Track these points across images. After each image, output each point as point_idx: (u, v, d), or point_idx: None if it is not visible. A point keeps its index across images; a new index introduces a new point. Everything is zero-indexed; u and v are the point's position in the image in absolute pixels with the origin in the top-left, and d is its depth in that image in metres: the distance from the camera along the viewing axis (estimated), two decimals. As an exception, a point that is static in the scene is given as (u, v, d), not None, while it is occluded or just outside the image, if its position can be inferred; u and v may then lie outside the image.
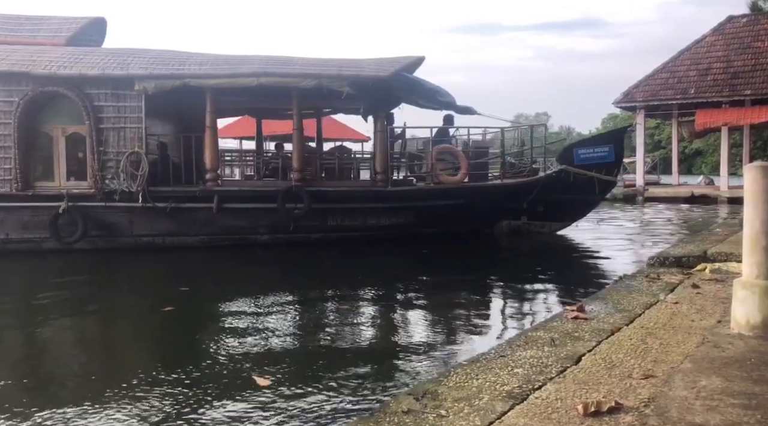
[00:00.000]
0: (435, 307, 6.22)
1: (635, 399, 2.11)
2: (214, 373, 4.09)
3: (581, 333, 2.95)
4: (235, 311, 5.99)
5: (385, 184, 10.68)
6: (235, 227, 10.23)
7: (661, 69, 23.26)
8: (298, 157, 10.56)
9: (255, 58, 10.55)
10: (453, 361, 4.03)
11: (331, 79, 9.95)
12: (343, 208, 10.51)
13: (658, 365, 2.46)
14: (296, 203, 10.00)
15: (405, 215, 10.65)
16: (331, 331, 5.25)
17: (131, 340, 5.37)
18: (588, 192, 11.03)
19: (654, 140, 46.69)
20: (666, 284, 4.16)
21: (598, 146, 11.33)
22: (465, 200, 10.56)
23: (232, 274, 8.52)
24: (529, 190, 10.95)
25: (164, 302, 6.13)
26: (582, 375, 2.36)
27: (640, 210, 19.35)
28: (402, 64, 10.59)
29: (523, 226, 11.41)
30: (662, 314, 3.33)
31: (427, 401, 2.09)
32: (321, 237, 10.37)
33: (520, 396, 2.13)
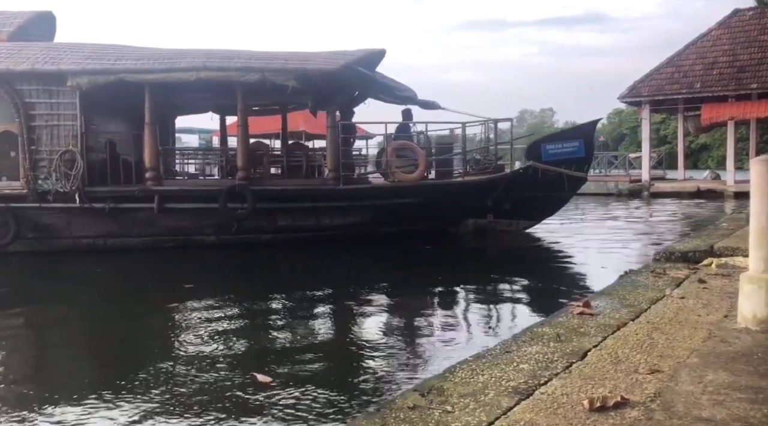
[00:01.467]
0: (422, 305, 6.25)
1: (641, 394, 2.10)
2: (215, 372, 4.09)
3: (587, 328, 2.95)
4: (221, 311, 5.99)
5: (336, 183, 10.22)
6: (180, 228, 9.82)
7: (667, 63, 23.13)
8: (242, 154, 10.11)
9: (198, 52, 10.17)
10: (457, 357, 4.04)
11: (276, 72, 9.53)
12: (294, 208, 10.09)
13: (664, 360, 2.45)
14: (241, 203, 9.61)
15: (361, 214, 10.22)
16: (327, 331, 5.26)
17: (121, 340, 5.39)
18: (557, 189, 10.67)
19: (660, 135, 46.43)
20: (672, 279, 4.14)
21: (567, 141, 10.94)
22: (425, 198, 10.16)
23: (173, 277, 8.22)
24: (492, 187, 10.56)
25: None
26: (588, 370, 2.35)
27: (646, 205, 19.28)
28: (353, 57, 10.14)
29: (489, 225, 11.03)
30: (668, 309, 3.32)
31: (433, 397, 2.10)
32: (272, 238, 9.98)
33: (526, 391, 2.13)
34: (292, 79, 9.45)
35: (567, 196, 11.29)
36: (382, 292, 6.95)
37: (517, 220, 11.09)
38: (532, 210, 11.09)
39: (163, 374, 4.08)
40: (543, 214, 11.46)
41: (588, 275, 7.58)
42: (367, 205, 10.23)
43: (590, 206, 19.12)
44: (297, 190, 10.27)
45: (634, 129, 50.34)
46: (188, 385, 3.86)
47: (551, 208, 11.43)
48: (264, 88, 9.95)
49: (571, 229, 12.49)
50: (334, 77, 9.81)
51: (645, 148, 23.83)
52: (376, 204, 10.21)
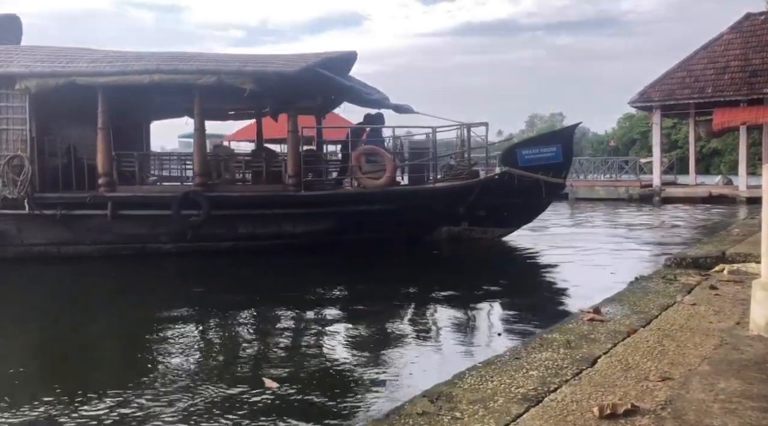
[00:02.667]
0: (423, 313, 6.25)
1: (652, 401, 2.09)
2: (221, 377, 4.10)
3: (597, 335, 2.93)
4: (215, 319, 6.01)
5: (297, 189, 9.89)
6: (135, 236, 9.56)
7: (678, 68, 23.01)
8: (198, 160, 9.84)
9: (155, 54, 9.94)
10: (464, 364, 4.02)
11: (232, 75, 9.28)
12: (254, 215, 9.72)
13: (675, 367, 2.43)
14: (197, 209, 9.36)
15: (326, 222, 9.84)
16: (328, 338, 5.22)
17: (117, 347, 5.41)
18: (534, 196, 10.36)
19: (670, 140, 46.17)
20: (683, 285, 4.11)
21: (545, 146, 10.59)
22: (394, 205, 9.82)
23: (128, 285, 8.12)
24: (465, 194, 10.25)
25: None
26: (598, 377, 2.34)
27: (656, 211, 19.15)
28: (315, 59, 9.89)
29: (463, 233, 10.69)
30: (679, 316, 3.29)
31: (442, 403, 2.09)
32: (232, 245, 9.67)
33: (536, 398, 2.12)
34: (250, 81, 9.20)
35: (544, 203, 10.94)
36: (376, 299, 6.84)
37: (492, 227, 10.78)
38: (508, 217, 10.81)
39: (164, 382, 4.09)
40: (519, 222, 11.11)
41: (597, 281, 7.53)
42: (331, 212, 9.85)
43: (600, 211, 19.03)
44: (255, 196, 9.95)
45: (645, 134, 50.08)
46: (194, 391, 3.87)
47: (528, 215, 11.10)
48: (223, 92, 9.68)
49: (579, 235, 12.43)
50: (294, 80, 9.50)
51: (656, 153, 23.70)
52: (341, 211, 9.84)
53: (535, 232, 12.25)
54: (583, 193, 23.98)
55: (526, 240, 11.14)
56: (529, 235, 11.44)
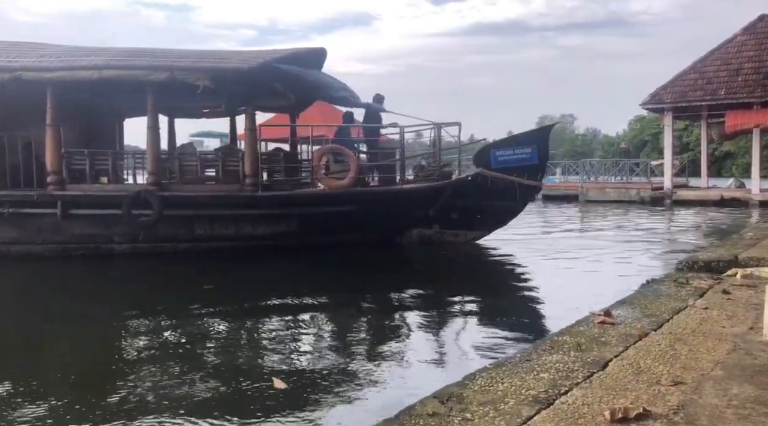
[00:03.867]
0: (428, 314, 6.21)
1: (664, 406, 2.07)
2: (230, 377, 4.11)
3: (608, 338, 2.91)
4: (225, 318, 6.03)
5: (254, 189, 9.61)
6: (88, 236, 9.33)
7: (690, 70, 22.85)
8: (152, 158, 9.57)
9: (108, 50, 9.69)
10: (474, 365, 4.01)
11: (185, 71, 9.04)
12: (212, 216, 9.49)
13: (687, 372, 2.42)
14: (150, 209, 9.14)
15: (287, 223, 9.59)
16: (335, 339, 5.23)
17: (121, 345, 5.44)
18: (508, 198, 10.10)
19: (682, 142, 45.92)
20: (695, 289, 4.08)
21: (519, 147, 10.25)
22: (359, 207, 9.52)
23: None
24: (435, 196, 9.96)
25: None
26: (609, 380, 2.33)
27: (667, 213, 19.02)
28: (275, 56, 9.69)
29: (435, 236, 10.46)
30: (691, 320, 3.27)
31: (453, 404, 2.09)
32: (190, 247, 9.44)
33: (546, 401, 2.12)
34: (204, 78, 8.96)
35: (519, 206, 10.67)
36: (373, 300, 6.82)
37: (465, 230, 10.52)
38: (482, 220, 10.54)
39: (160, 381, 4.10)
40: (493, 225, 10.85)
41: (607, 284, 7.48)
42: (292, 213, 9.60)
43: (611, 214, 18.93)
44: (210, 196, 9.63)
45: (656, 136, 49.79)
46: (199, 392, 3.89)
47: (502, 218, 10.83)
48: (174, 88, 9.43)
49: (587, 238, 12.37)
50: (250, 77, 9.21)
51: (667, 155, 23.55)
52: (303, 212, 9.59)
53: (545, 236, 12.21)
54: (593, 196, 23.88)
55: (536, 244, 11.09)
56: (541, 239, 11.39)
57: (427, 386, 3.62)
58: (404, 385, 3.91)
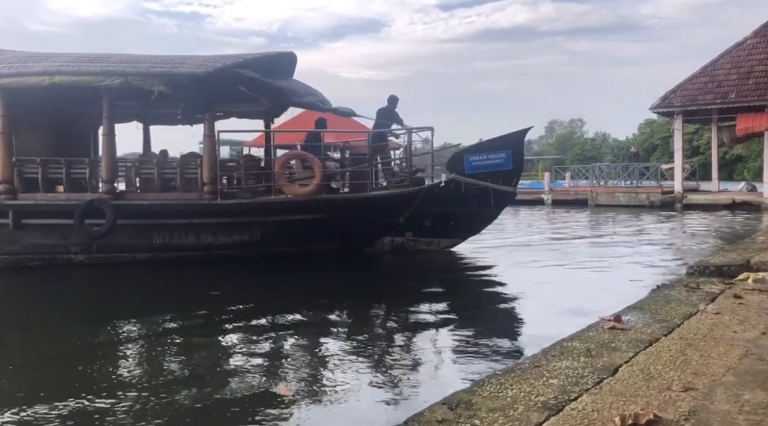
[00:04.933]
0: (432, 320, 6.17)
1: (675, 412, 2.06)
2: (234, 385, 4.08)
3: (618, 343, 2.89)
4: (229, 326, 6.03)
5: (213, 197, 9.33)
6: (43, 246, 9.12)
7: (700, 73, 22.73)
8: (107, 166, 9.32)
9: (65, 55, 9.41)
10: (482, 371, 3.99)
11: (140, 76, 8.83)
12: (171, 225, 9.24)
13: (698, 377, 2.39)
14: (103, 219, 8.89)
15: (249, 232, 9.34)
16: (337, 345, 5.19)
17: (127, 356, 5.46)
18: (482, 204, 9.84)
19: (692, 146, 45.63)
20: (706, 294, 4.05)
21: (493, 152, 9.99)
22: (324, 215, 9.30)
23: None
24: (406, 202, 9.66)
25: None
26: (619, 386, 2.31)
27: (677, 218, 18.89)
28: (237, 60, 9.46)
29: (407, 243, 10.17)
30: (702, 325, 3.24)
31: (462, 411, 2.08)
32: (150, 257, 9.22)
33: (556, 407, 2.11)
34: (159, 83, 8.75)
35: (493, 212, 10.39)
36: (375, 307, 6.80)
37: (438, 238, 10.26)
38: (455, 227, 10.25)
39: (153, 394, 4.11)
40: (467, 232, 10.57)
41: (615, 289, 7.44)
42: (255, 222, 9.33)
43: (620, 218, 18.82)
44: (166, 205, 9.31)
45: (666, 139, 49.51)
46: (208, 395, 3.89)
47: (476, 225, 10.55)
48: (132, 94, 9.18)
49: (597, 244, 12.31)
50: (207, 81, 8.99)
51: (677, 159, 23.41)
52: (265, 221, 9.31)
53: (554, 241, 12.15)
54: (603, 200, 23.77)
55: (544, 250, 11.03)
56: (549, 244, 11.33)
57: (435, 393, 3.63)
58: (411, 392, 3.90)
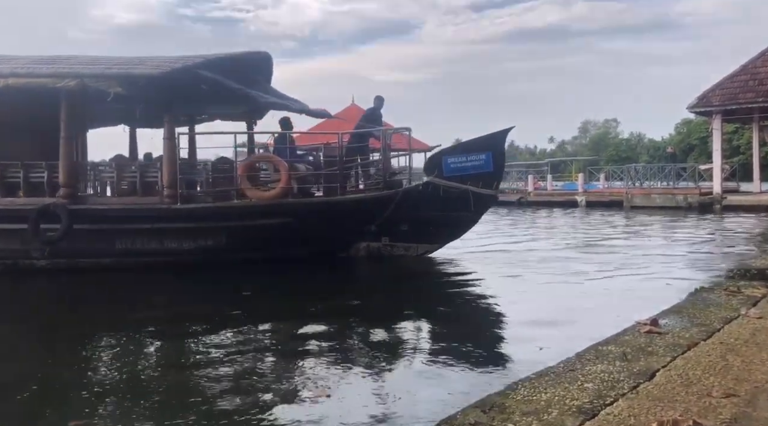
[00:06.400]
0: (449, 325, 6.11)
1: (715, 419, 2.01)
2: (269, 386, 4.10)
3: (655, 348, 2.84)
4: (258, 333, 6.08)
5: (173, 201, 9.07)
6: (4, 251, 9.00)
7: (741, 71, 22.11)
8: (65, 170, 9.12)
9: (24, 58, 9.30)
10: (521, 373, 3.94)
11: (96, 78, 8.69)
12: (133, 230, 9.03)
13: (740, 384, 2.33)
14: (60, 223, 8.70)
15: (213, 238, 9.08)
16: (368, 349, 5.16)
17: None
18: (462, 208, 9.37)
19: (732, 146, 44.40)
20: (747, 298, 3.94)
21: (473, 153, 9.51)
22: (293, 219, 8.95)
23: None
24: (380, 206, 9.29)
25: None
26: (656, 391, 2.27)
27: (717, 220, 18.40)
28: (199, 60, 9.24)
29: (384, 249, 9.76)
30: (744, 330, 3.16)
31: (495, 414, 2.07)
32: (113, 262, 8.99)
33: (591, 411, 2.08)
34: (116, 85, 8.57)
35: (474, 216, 9.91)
36: (374, 316, 6.60)
37: (416, 243, 9.82)
38: (434, 232, 9.78)
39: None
40: (446, 238, 10.08)
41: (654, 292, 7.27)
42: (218, 227, 9.07)
43: (657, 220, 18.43)
44: (124, 209, 9.13)
45: (704, 139, 48.31)
46: (249, 394, 3.94)
47: (456, 230, 10.07)
48: (88, 96, 8.96)
49: (632, 246, 12.08)
50: (165, 83, 8.76)
51: (716, 159, 22.80)
52: (230, 226, 9.05)
53: (590, 245, 11.94)
54: (639, 202, 23.32)
55: (580, 251, 10.84)
56: (587, 248, 11.12)
57: (468, 396, 3.61)
58: (443, 395, 3.88)
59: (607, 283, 8.05)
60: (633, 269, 9.02)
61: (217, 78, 9.21)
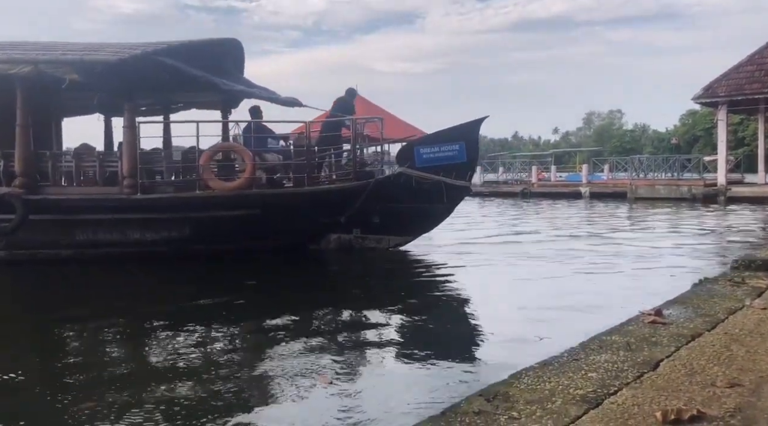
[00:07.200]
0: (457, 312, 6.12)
1: (719, 408, 2.01)
2: (274, 374, 4.12)
3: (659, 338, 2.83)
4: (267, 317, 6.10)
5: (132, 191, 8.84)
6: None
7: (747, 61, 21.97)
8: (21, 159, 8.87)
9: None
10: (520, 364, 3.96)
11: (51, 64, 8.46)
12: (94, 220, 8.80)
13: (744, 373, 2.33)
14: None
15: (177, 229, 8.86)
16: (373, 337, 5.20)
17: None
18: (435, 200, 9.25)
19: (737, 137, 44.22)
20: (752, 289, 3.93)
21: (446, 144, 9.32)
22: (260, 210, 8.72)
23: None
24: (350, 197, 9.12)
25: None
26: (660, 381, 2.27)
27: (721, 211, 18.35)
28: (159, 47, 9.00)
29: (355, 241, 9.59)
30: (748, 320, 3.15)
31: (499, 403, 2.07)
32: (73, 254, 8.74)
33: (595, 400, 2.08)
34: (71, 71, 8.32)
35: (447, 208, 9.75)
36: (403, 297, 6.79)
37: (388, 236, 9.67)
38: (406, 224, 9.61)
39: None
40: (419, 230, 9.98)
41: (658, 283, 7.27)
42: (180, 217, 8.83)
43: (661, 211, 18.39)
44: (83, 200, 8.87)
45: (709, 130, 48.15)
46: (251, 383, 3.97)
47: (429, 222, 9.92)
48: (41, 83, 8.68)
49: (636, 238, 12.07)
50: (123, 70, 8.47)
51: (721, 150, 22.72)
52: (193, 217, 8.84)
53: (594, 236, 11.92)
54: (643, 193, 23.29)
55: (581, 241, 10.84)
56: (592, 237, 11.13)
57: (471, 385, 3.62)
58: (447, 384, 3.90)
59: (610, 273, 8.06)
60: (637, 260, 9.02)
61: (180, 65, 8.94)
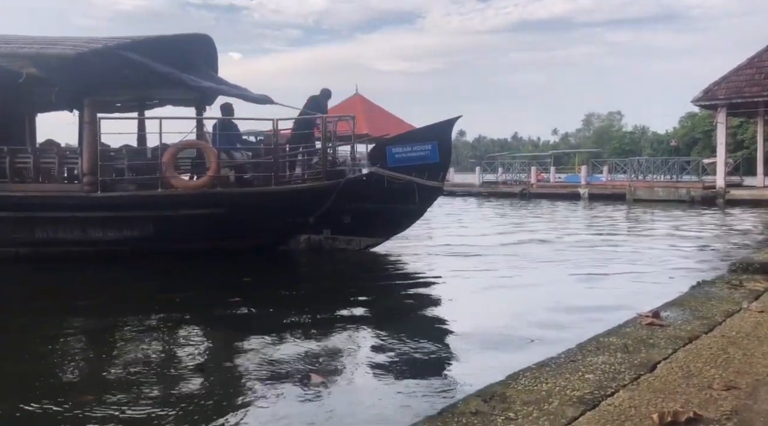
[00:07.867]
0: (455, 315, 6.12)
1: (716, 411, 2.01)
2: (267, 371, 4.11)
3: (656, 340, 2.84)
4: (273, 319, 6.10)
5: (92, 189, 8.68)
6: None
7: (746, 64, 22.01)
8: None
9: None
10: (517, 365, 3.96)
11: (6, 58, 8.34)
12: (52, 218, 8.65)
13: (741, 376, 2.34)
14: None
15: (140, 228, 8.73)
16: (372, 338, 5.22)
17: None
18: (407, 200, 9.15)
19: (736, 140, 44.29)
20: (749, 292, 3.94)
21: (418, 144, 9.25)
22: (224, 210, 8.64)
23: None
24: (319, 197, 9.00)
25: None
26: (657, 383, 2.27)
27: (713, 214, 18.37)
28: (123, 41, 8.87)
29: (325, 242, 9.48)
30: (745, 323, 3.16)
31: (496, 403, 2.08)
32: (32, 252, 8.59)
33: (592, 402, 2.08)
34: (28, 65, 8.16)
35: (419, 209, 9.64)
36: (398, 299, 6.83)
37: (359, 236, 9.57)
38: (377, 225, 9.51)
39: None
40: (391, 231, 9.88)
41: (656, 285, 7.28)
42: (143, 216, 8.71)
43: (660, 213, 18.41)
44: (40, 197, 8.73)
45: (708, 133, 48.23)
46: (242, 381, 3.97)
47: (400, 222, 9.81)
48: (27, 80, 8.48)
49: (634, 240, 12.08)
50: (82, 64, 8.31)
51: (720, 152, 22.76)
52: (156, 215, 8.71)
53: (593, 238, 11.92)
54: (641, 195, 23.33)
55: (581, 245, 10.83)
56: (592, 240, 11.14)
57: (468, 385, 3.63)
58: (444, 384, 3.90)
59: (608, 275, 8.07)
60: (635, 262, 9.03)
61: (145, 61, 8.78)
